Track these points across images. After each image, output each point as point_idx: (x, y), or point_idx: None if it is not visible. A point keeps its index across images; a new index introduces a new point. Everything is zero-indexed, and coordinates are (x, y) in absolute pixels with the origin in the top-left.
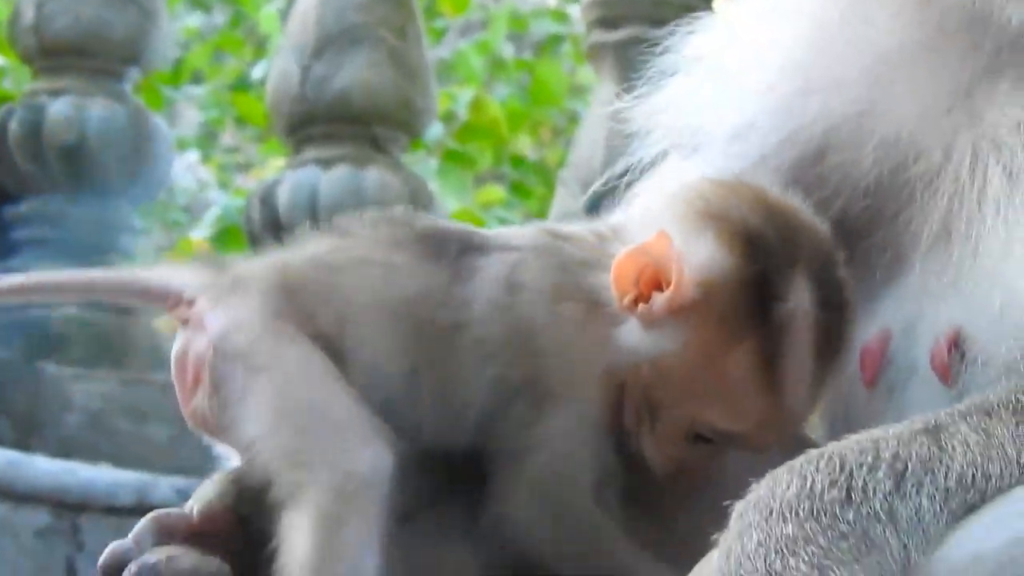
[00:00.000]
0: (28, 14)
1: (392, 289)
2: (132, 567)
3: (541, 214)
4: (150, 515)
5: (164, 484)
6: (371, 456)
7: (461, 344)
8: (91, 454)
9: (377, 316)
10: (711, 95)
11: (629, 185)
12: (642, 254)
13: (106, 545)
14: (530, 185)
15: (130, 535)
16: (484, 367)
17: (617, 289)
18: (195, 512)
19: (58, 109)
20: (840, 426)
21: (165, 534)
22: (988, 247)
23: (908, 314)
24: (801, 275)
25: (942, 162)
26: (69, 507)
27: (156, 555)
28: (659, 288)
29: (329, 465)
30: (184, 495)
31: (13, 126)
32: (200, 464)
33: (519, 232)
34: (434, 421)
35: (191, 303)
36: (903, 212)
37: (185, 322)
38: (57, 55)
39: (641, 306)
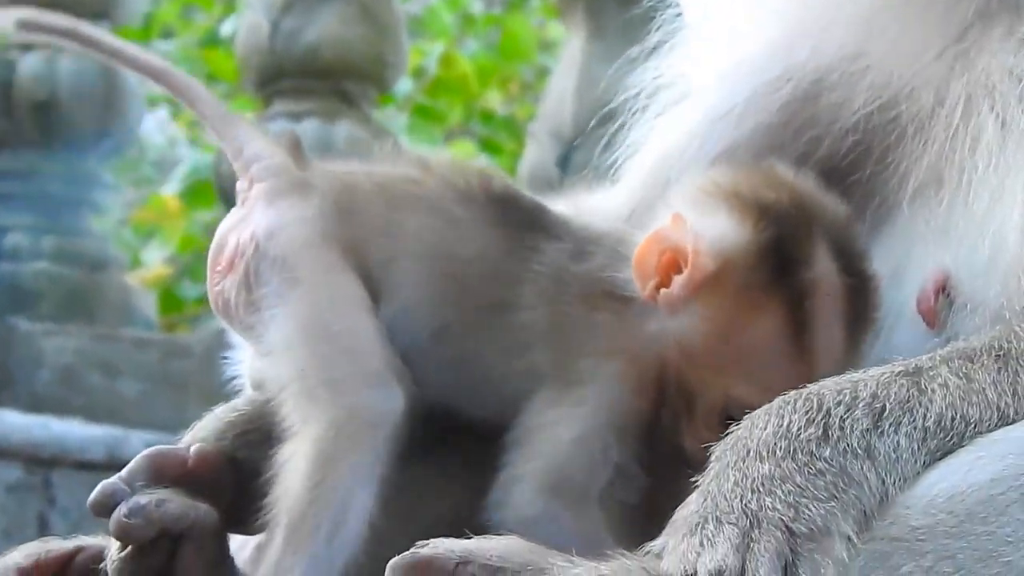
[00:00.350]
0: None
1: (447, 243)
2: (123, 507)
3: (511, 169)
4: (144, 453)
5: (135, 439)
6: (381, 397)
7: (502, 323)
8: (62, 409)
9: (424, 264)
10: (703, 34)
11: (608, 136)
12: (658, 240)
13: (78, 501)
14: (500, 140)
15: (123, 472)
16: (519, 352)
17: (639, 279)
18: (191, 453)
19: (29, 64)
20: None
21: (157, 474)
22: (979, 194)
23: (896, 258)
24: (820, 241)
25: (934, 106)
26: (41, 462)
27: (147, 497)
28: (678, 271)
29: (336, 398)
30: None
31: None
32: (171, 419)
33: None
34: (448, 382)
35: (253, 180)
36: (892, 154)
37: (242, 201)
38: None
39: (663, 291)
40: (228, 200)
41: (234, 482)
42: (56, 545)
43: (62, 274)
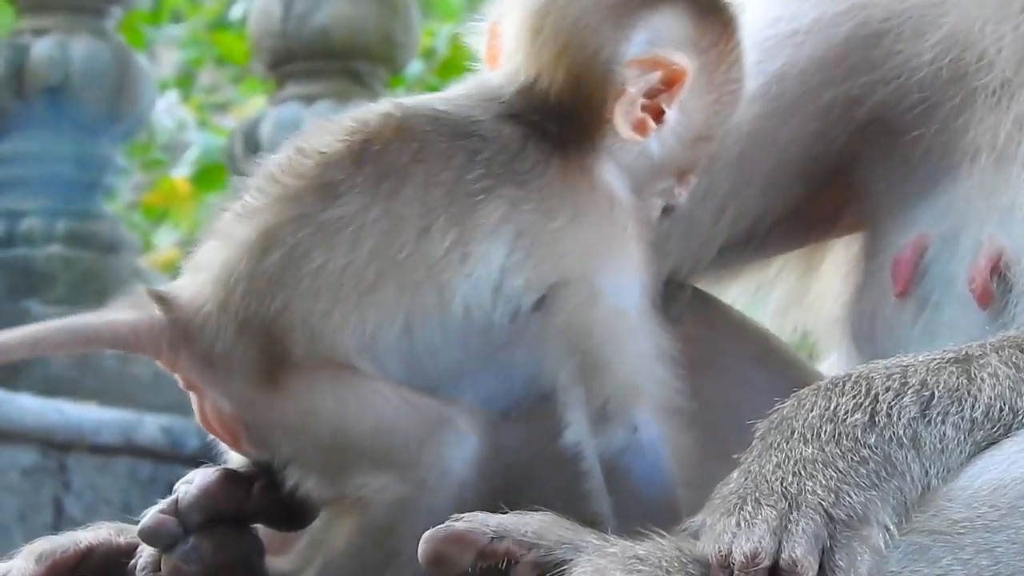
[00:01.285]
0: None
1: (362, 252)
2: (180, 552)
3: None
4: (201, 487)
5: (149, 422)
6: (453, 451)
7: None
8: (76, 392)
9: (352, 298)
10: None
11: None
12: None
13: (92, 484)
14: None
15: (180, 503)
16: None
17: (623, 121)
18: (254, 489)
19: (42, 48)
20: (866, 335)
21: (214, 511)
22: None
23: (950, 225)
24: None
25: (1012, 75)
26: (56, 446)
27: (205, 542)
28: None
29: (422, 474)
30: (169, 433)
31: None
32: (184, 401)
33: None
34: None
35: (172, 363)
36: (958, 116)
37: (188, 387)
38: None
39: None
40: (241, 180)
41: (285, 514)
42: (71, 542)
43: (75, 257)
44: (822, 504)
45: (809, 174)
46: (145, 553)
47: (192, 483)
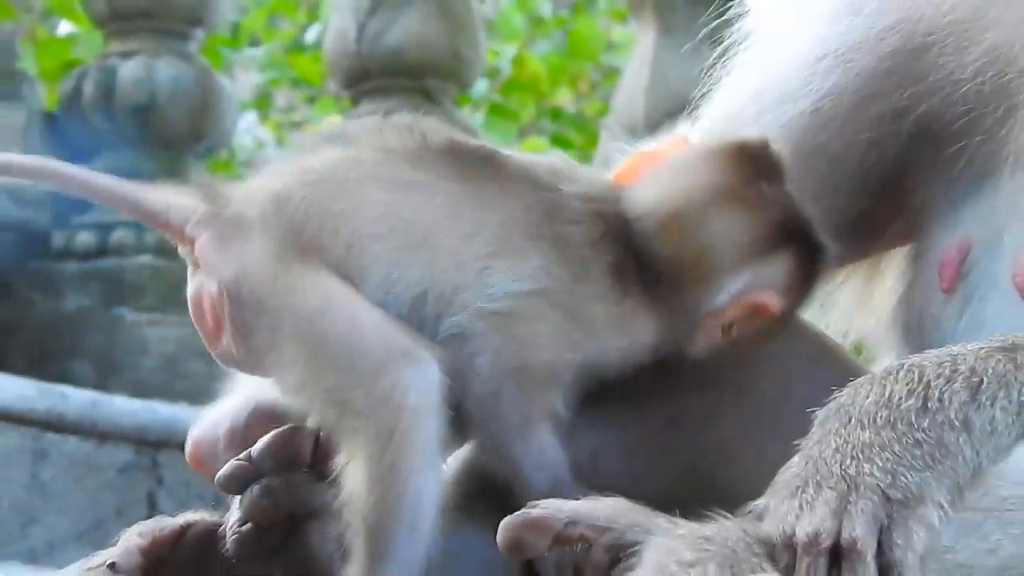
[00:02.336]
0: None
1: (408, 210)
2: (255, 490)
3: (582, 162)
4: (274, 434)
5: None
6: (413, 377)
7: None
8: (166, 394)
9: (389, 238)
10: None
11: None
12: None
13: (184, 480)
14: (569, 136)
15: (253, 451)
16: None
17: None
18: (321, 437)
19: (129, 70)
20: (915, 330)
21: (285, 458)
22: None
23: (993, 227)
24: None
25: None
26: (149, 444)
27: (277, 481)
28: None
29: (371, 400)
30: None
31: (88, 87)
32: None
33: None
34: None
35: (193, 239)
36: (1001, 126)
37: (195, 264)
38: (127, 18)
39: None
40: None
41: None
42: (168, 522)
43: (164, 267)
44: (879, 485)
45: (862, 183)
46: (232, 512)
47: (263, 437)
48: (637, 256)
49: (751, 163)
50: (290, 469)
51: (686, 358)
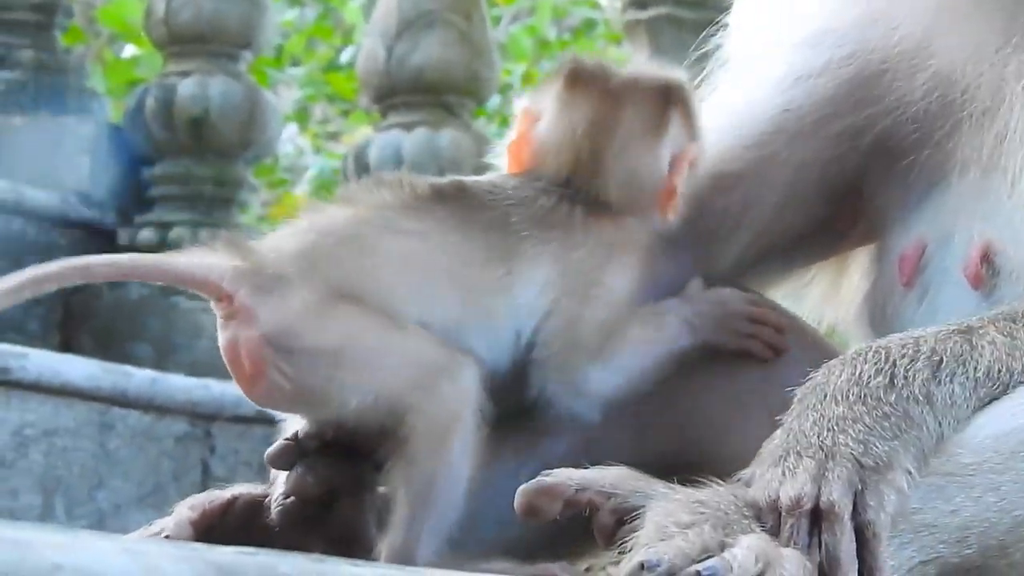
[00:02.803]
0: (160, 9)
1: (423, 255)
2: (300, 468)
3: None
4: (316, 421)
5: None
6: (467, 378)
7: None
8: (217, 373)
9: (417, 284)
10: (781, 10)
11: None
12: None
13: (234, 449)
14: None
15: (300, 432)
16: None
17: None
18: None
19: (186, 87)
20: (879, 320)
21: (324, 439)
22: None
23: (944, 227)
24: None
25: (990, 103)
26: (203, 417)
27: (322, 461)
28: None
29: (436, 397)
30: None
31: (149, 102)
32: None
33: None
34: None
35: (230, 295)
36: (948, 140)
37: (229, 316)
38: (184, 42)
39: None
40: None
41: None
42: (217, 495)
43: None
44: (853, 454)
45: (825, 192)
46: (277, 485)
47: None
48: (586, 202)
49: (584, 78)
50: (331, 448)
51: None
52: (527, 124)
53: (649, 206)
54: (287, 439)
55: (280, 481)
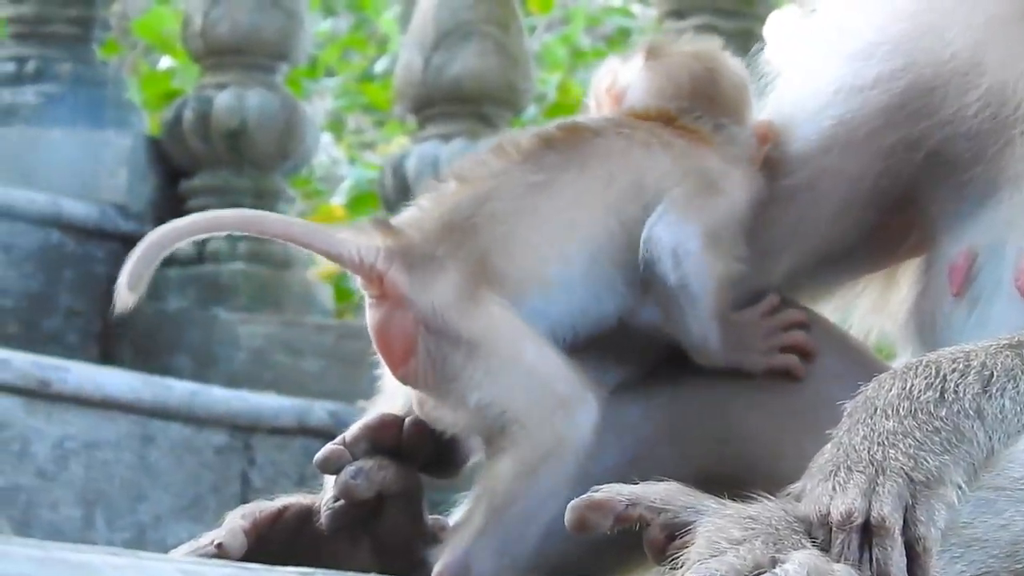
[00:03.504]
0: (196, 21)
1: (550, 206)
2: (349, 471)
3: None
4: (365, 422)
5: (319, 408)
6: (584, 419)
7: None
8: (256, 384)
9: (551, 238)
10: (828, 24)
11: None
12: None
13: (273, 461)
14: None
15: (347, 436)
16: None
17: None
18: (405, 425)
19: (223, 99)
20: (928, 330)
21: (376, 442)
22: None
23: (995, 238)
24: None
25: None
26: (242, 429)
27: (370, 463)
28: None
29: (547, 427)
30: (335, 416)
31: (187, 115)
32: (347, 390)
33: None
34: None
35: (381, 276)
36: (1001, 156)
37: (381, 296)
38: (221, 54)
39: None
40: (390, 207)
41: (433, 445)
42: (267, 504)
43: (254, 272)
44: (903, 468)
45: (878, 203)
46: (326, 490)
47: (359, 423)
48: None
49: (666, 48)
50: (379, 453)
51: None
52: (612, 101)
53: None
54: (335, 443)
55: (329, 486)
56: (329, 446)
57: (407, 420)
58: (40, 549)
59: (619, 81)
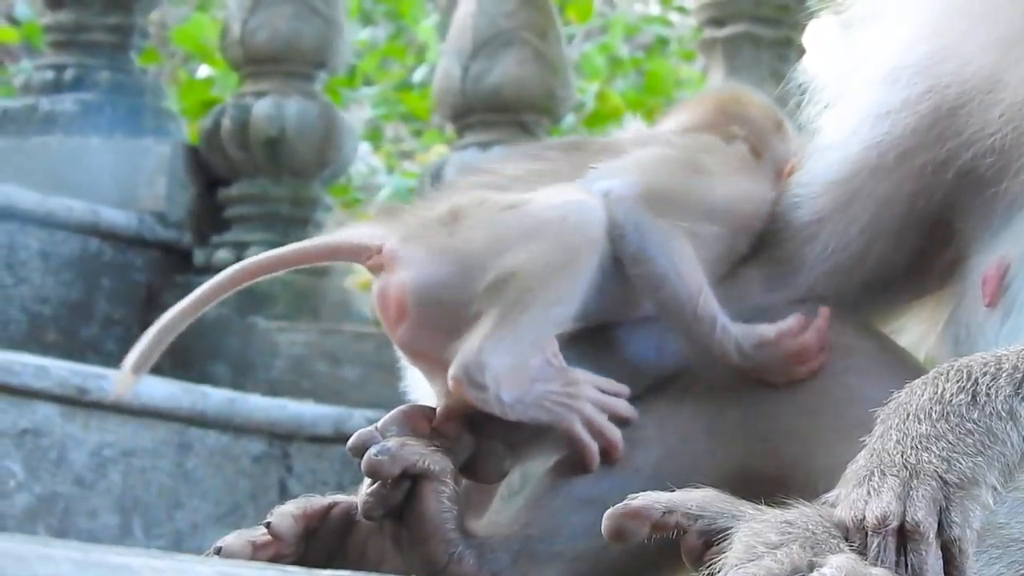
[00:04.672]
0: (235, 30)
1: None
2: (373, 449)
3: None
4: (398, 408)
5: (357, 415)
6: (591, 216)
7: None
8: (295, 392)
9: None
10: (862, 48)
11: None
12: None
13: (311, 469)
14: None
15: (379, 422)
16: None
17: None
18: (437, 412)
19: (261, 107)
20: (963, 339)
21: (406, 426)
22: None
23: None
24: None
25: None
26: (280, 437)
27: (392, 440)
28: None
29: (554, 233)
30: (373, 424)
31: (225, 123)
32: (385, 398)
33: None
34: None
35: (379, 250)
36: None
37: (379, 267)
38: (259, 62)
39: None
40: None
41: (471, 438)
42: (317, 500)
43: (292, 279)
44: (937, 471)
45: (915, 226)
46: (364, 484)
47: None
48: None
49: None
50: (409, 435)
51: None
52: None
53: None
54: (366, 428)
55: (367, 482)
56: (361, 430)
57: (438, 407)
58: (80, 551)
59: None
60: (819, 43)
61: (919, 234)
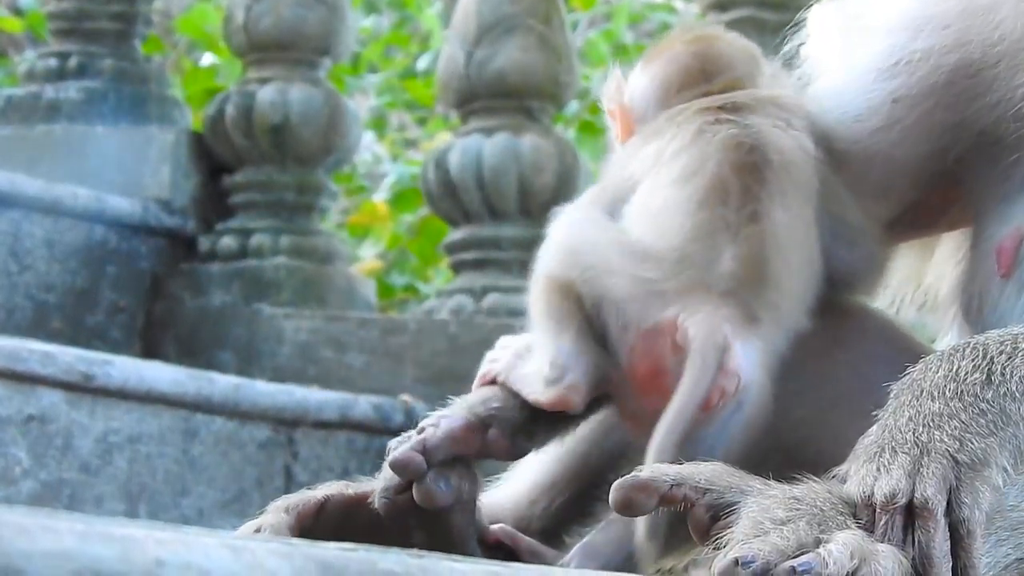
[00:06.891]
0: (239, 16)
1: None
2: (432, 474)
3: None
4: (447, 433)
5: (363, 401)
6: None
7: None
8: (300, 378)
9: None
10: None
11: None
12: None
13: (316, 455)
14: None
15: (427, 443)
16: None
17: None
18: (488, 438)
19: (266, 94)
20: (976, 311)
21: (456, 454)
22: None
23: None
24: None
25: None
26: (286, 423)
27: (452, 475)
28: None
29: None
30: (379, 410)
31: (229, 110)
32: (390, 384)
33: None
34: None
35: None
36: None
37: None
38: (263, 49)
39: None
40: (432, 200)
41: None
42: (309, 495)
43: (297, 267)
44: (948, 450)
45: (923, 182)
46: (385, 478)
47: (438, 427)
48: None
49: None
50: (456, 461)
51: None
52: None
53: None
54: (413, 448)
55: (386, 475)
56: (408, 451)
57: (491, 431)
58: (84, 523)
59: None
60: (823, 18)
61: (923, 190)
